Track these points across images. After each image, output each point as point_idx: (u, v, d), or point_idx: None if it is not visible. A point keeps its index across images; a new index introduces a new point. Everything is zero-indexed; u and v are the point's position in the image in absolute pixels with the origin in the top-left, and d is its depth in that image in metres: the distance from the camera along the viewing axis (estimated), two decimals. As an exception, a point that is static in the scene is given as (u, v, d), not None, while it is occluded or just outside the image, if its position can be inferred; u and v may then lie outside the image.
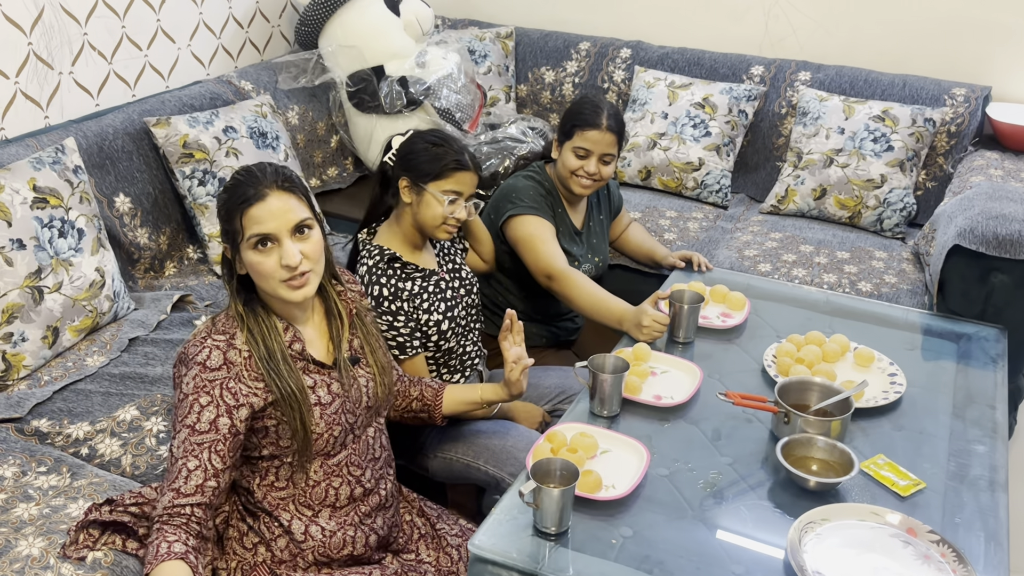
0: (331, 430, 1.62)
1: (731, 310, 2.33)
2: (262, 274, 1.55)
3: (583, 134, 2.34)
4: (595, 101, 2.40)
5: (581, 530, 1.59)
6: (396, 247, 2.06)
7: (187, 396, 1.51)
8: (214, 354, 1.53)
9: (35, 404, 2.02)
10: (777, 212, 3.19)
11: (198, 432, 1.50)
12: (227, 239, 1.58)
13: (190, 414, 1.50)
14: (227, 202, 1.56)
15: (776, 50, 3.52)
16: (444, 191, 2.00)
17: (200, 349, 1.53)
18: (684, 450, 1.81)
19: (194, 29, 3.09)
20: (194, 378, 1.51)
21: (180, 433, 1.50)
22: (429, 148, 2.02)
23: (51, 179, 2.21)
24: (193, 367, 1.52)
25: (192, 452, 1.49)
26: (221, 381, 1.52)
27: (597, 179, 2.39)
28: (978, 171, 2.88)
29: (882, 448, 1.82)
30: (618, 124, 2.37)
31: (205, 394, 1.51)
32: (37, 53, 2.54)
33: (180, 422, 1.51)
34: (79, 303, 2.20)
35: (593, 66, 3.64)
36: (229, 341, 1.55)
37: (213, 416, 1.51)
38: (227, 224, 1.57)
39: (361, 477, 1.70)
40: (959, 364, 2.16)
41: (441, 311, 2.10)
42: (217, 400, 1.51)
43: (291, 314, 1.64)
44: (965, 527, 1.62)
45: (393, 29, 3.23)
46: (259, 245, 1.54)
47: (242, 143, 2.73)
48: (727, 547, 1.56)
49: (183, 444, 1.50)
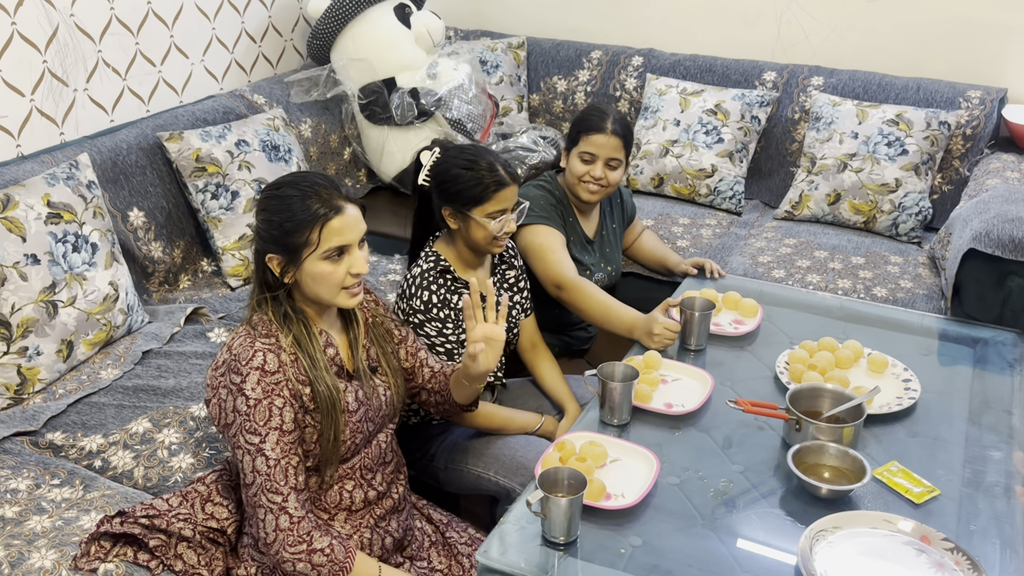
0: (354, 437, 1.65)
1: (743, 317, 2.32)
2: (329, 283, 1.59)
3: (588, 139, 2.35)
4: (600, 107, 2.41)
5: (590, 539, 1.58)
6: (451, 261, 2.09)
7: (260, 401, 1.52)
8: (269, 357, 1.54)
9: (50, 417, 2.03)
10: (791, 218, 3.17)
11: (287, 432, 1.53)
12: (283, 251, 1.58)
13: (272, 417, 1.53)
14: (294, 215, 1.56)
15: (788, 55, 3.51)
16: (488, 214, 2.01)
17: (252, 353, 1.54)
18: (695, 458, 1.80)
19: (207, 44, 3.12)
20: (258, 383, 1.53)
21: (269, 436, 1.52)
22: (463, 174, 2.01)
23: (65, 195, 2.24)
24: (251, 373, 1.53)
25: (290, 450, 1.54)
26: (284, 382, 1.54)
27: (604, 184, 2.38)
28: (994, 174, 2.85)
29: (896, 455, 1.80)
30: (624, 129, 2.37)
31: (278, 396, 1.53)
32: (52, 71, 2.58)
33: (264, 426, 1.52)
34: (93, 317, 2.22)
35: (605, 74, 3.64)
36: (277, 344, 1.57)
37: (292, 415, 1.55)
38: (291, 237, 1.56)
39: (372, 480, 1.72)
40: (975, 369, 2.13)
41: None
42: (288, 399, 1.54)
43: (324, 320, 1.67)
44: (980, 534, 1.60)
45: (404, 41, 3.25)
46: (334, 256, 1.57)
47: (254, 156, 2.75)
48: (738, 556, 1.55)
49: (278, 445, 1.53)
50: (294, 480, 1.54)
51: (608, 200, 2.60)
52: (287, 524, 1.52)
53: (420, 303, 2.02)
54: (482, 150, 2.07)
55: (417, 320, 2.03)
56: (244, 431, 1.53)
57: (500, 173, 2.01)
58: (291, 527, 1.52)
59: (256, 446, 1.52)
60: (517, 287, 2.25)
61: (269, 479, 1.52)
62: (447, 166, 2.04)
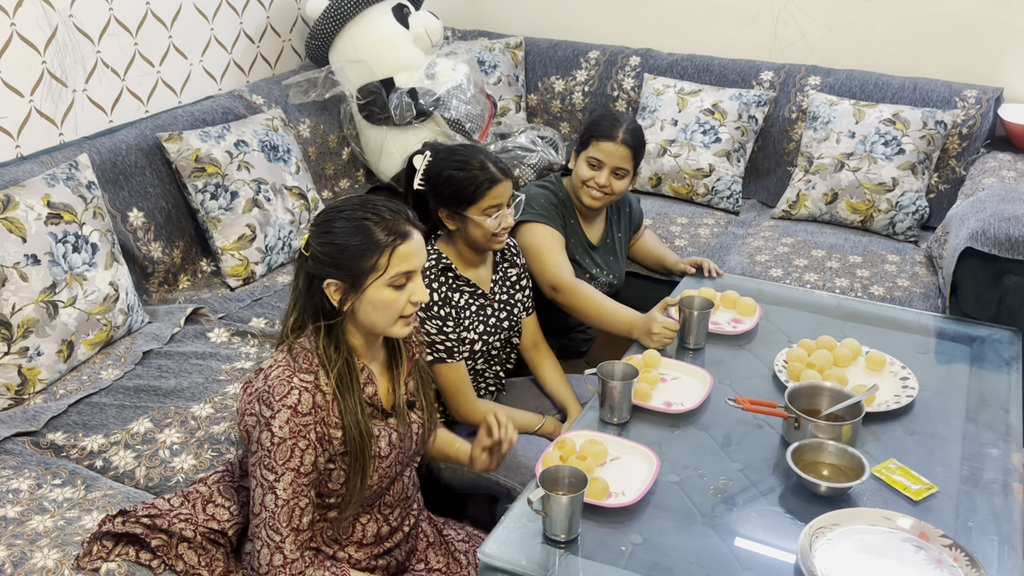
0: (382, 482, 1.63)
1: (742, 316, 2.32)
2: (390, 311, 1.55)
3: (597, 145, 2.34)
4: (615, 115, 2.39)
5: (591, 537, 1.59)
6: (452, 259, 2.10)
7: (284, 440, 1.49)
8: (304, 397, 1.50)
9: (50, 417, 2.04)
10: (788, 217, 3.18)
11: (303, 475, 1.51)
12: (345, 276, 1.52)
13: (292, 458, 1.50)
14: (365, 240, 1.52)
15: (786, 55, 3.52)
16: (484, 211, 2.01)
17: (288, 390, 1.50)
18: (694, 456, 1.81)
19: (206, 45, 3.12)
20: (287, 422, 1.49)
21: (284, 476, 1.50)
22: (456, 175, 2.01)
23: (65, 195, 2.24)
24: (283, 411, 1.49)
25: (301, 493, 1.52)
26: (313, 426, 1.51)
27: (608, 192, 2.37)
28: (990, 173, 2.86)
29: (894, 452, 1.81)
30: (635, 139, 2.34)
31: (303, 439, 1.50)
32: (51, 71, 2.58)
33: (282, 466, 1.50)
34: (93, 317, 2.22)
35: (603, 74, 3.65)
36: (316, 384, 1.52)
37: (313, 458, 1.52)
38: (358, 262, 1.52)
39: (390, 516, 1.71)
40: (972, 367, 2.14)
41: (479, 332, 2.12)
42: (313, 443, 1.52)
43: (369, 355, 1.63)
44: (978, 531, 1.61)
45: (402, 41, 3.25)
46: (400, 282, 1.54)
47: (253, 156, 2.75)
48: (737, 553, 1.56)
49: (291, 486, 1.50)
50: (297, 521, 1.52)
51: (616, 209, 2.59)
52: (280, 562, 1.52)
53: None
54: (472, 149, 2.08)
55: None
56: (262, 466, 1.51)
57: (492, 170, 2.02)
58: (283, 566, 1.52)
59: (270, 483, 1.51)
60: (519, 285, 2.25)
61: (274, 517, 1.51)
62: (439, 169, 2.05)
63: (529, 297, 2.29)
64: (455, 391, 2.07)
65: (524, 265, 2.29)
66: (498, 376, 2.25)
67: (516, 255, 2.27)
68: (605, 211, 2.54)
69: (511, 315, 2.21)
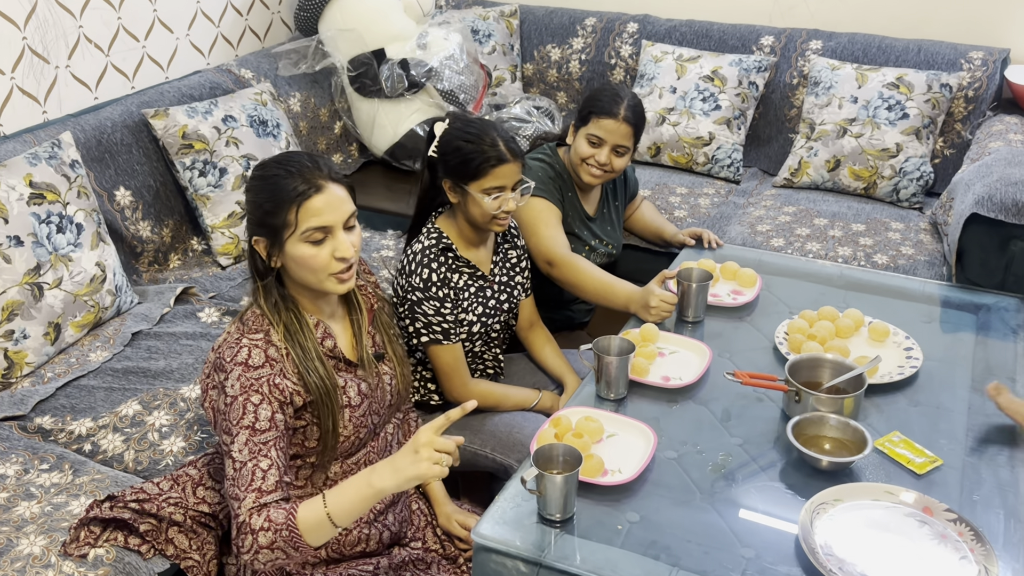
0: (358, 432, 1.60)
1: (742, 287, 2.28)
2: (313, 267, 1.51)
3: (598, 122, 2.27)
4: (616, 89, 2.32)
5: (587, 516, 1.56)
6: (453, 238, 2.04)
7: (236, 398, 1.45)
8: (254, 352, 1.47)
9: (38, 401, 2.01)
10: (790, 185, 3.12)
11: (259, 431, 1.44)
12: (266, 233, 1.51)
13: (245, 415, 1.44)
14: (274, 195, 1.50)
15: (786, 19, 3.44)
16: (485, 190, 1.95)
17: (238, 350, 1.48)
18: (693, 432, 1.77)
19: (192, 18, 3.06)
20: (239, 379, 1.45)
21: (239, 436, 1.43)
22: (465, 147, 1.96)
23: (48, 174, 2.19)
24: (234, 369, 1.46)
25: (260, 452, 1.44)
26: (267, 378, 1.47)
27: (608, 170, 2.31)
28: (997, 136, 2.79)
29: (897, 425, 1.77)
30: (636, 116, 2.28)
31: (255, 392, 1.45)
32: (32, 48, 2.52)
33: (236, 425, 1.44)
34: (80, 298, 2.18)
35: (600, 42, 3.57)
36: (267, 339, 1.50)
37: (269, 413, 1.46)
38: (272, 218, 1.50)
39: None
40: (978, 336, 2.09)
41: (477, 313, 2.08)
42: (267, 397, 1.46)
43: (320, 309, 1.60)
44: (983, 504, 1.57)
45: (393, 11, 3.18)
46: (316, 238, 1.50)
47: (242, 132, 2.70)
48: (737, 530, 1.53)
49: (246, 446, 1.43)
50: (259, 483, 1.42)
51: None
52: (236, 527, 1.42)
53: (420, 280, 1.98)
54: (489, 124, 2.01)
55: (415, 298, 1.99)
56: (221, 430, 1.47)
57: (501, 149, 1.95)
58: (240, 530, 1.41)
59: (228, 448, 1.45)
60: (519, 267, 2.21)
61: (234, 483, 1.43)
62: (450, 137, 2.00)
63: (528, 279, 2.24)
64: (450, 372, 2.03)
65: (524, 247, 2.24)
66: (497, 358, 2.21)
67: (517, 236, 2.22)
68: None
69: (511, 297, 2.17)
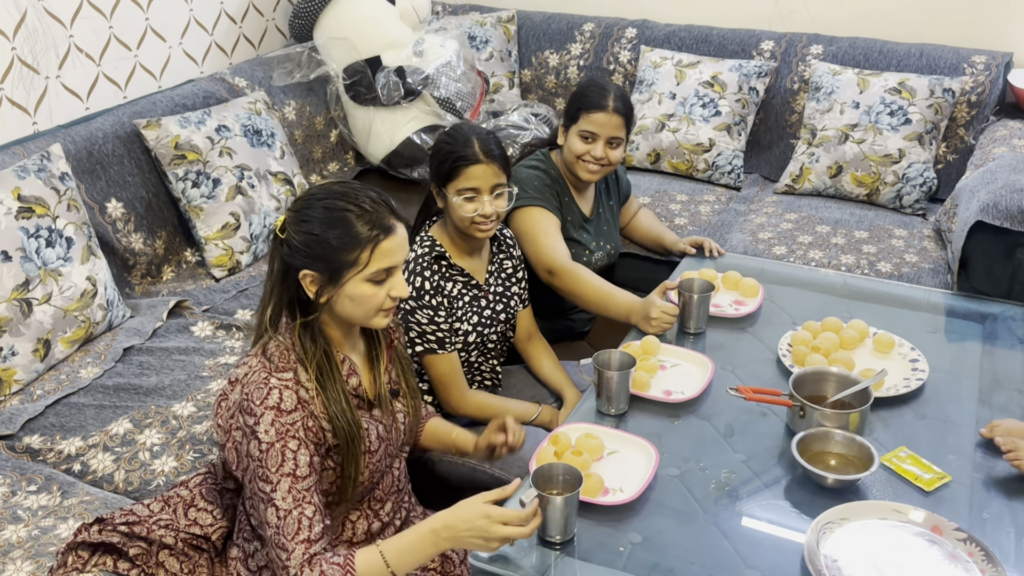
0: (372, 477, 1.57)
1: (744, 297, 2.24)
2: (368, 306, 1.48)
3: (589, 117, 2.26)
4: (601, 83, 2.32)
5: (588, 537, 1.52)
6: (446, 246, 2.02)
7: (272, 444, 1.41)
8: (286, 395, 1.43)
9: (27, 420, 1.97)
10: (792, 192, 3.08)
11: (300, 478, 1.42)
12: (324, 268, 1.45)
13: (284, 463, 1.41)
14: (346, 233, 1.45)
15: (786, 23, 3.41)
16: (458, 191, 1.93)
17: (267, 392, 1.42)
18: (695, 448, 1.73)
19: (185, 27, 3.02)
20: (272, 424, 1.41)
21: (280, 484, 1.41)
22: (442, 148, 1.96)
23: (36, 187, 2.15)
24: (266, 413, 1.41)
25: (304, 499, 1.42)
26: (301, 421, 1.43)
27: (604, 164, 2.30)
28: (1001, 142, 2.76)
29: (904, 439, 1.73)
30: (625, 106, 2.28)
31: (291, 438, 1.42)
32: (21, 58, 2.48)
33: (276, 472, 1.41)
34: (70, 314, 2.14)
35: (598, 47, 3.54)
36: (296, 379, 1.45)
37: (307, 458, 1.43)
38: (338, 255, 1.44)
39: (380, 511, 1.64)
40: (984, 346, 2.06)
41: (472, 323, 2.05)
42: (303, 441, 1.43)
43: (348, 345, 1.56)
44: (994, 523, 1.53)
45: (389, 18, 3.15)
46: (380, 278, 1.47)
47: (236, 142, 2.66)
48: (742, 551, 1.49)
49: (290, 494, 1.41)
50: (306, 532, 1.41)
51: (603, 178, 2.52)
52: (296, 564, 1.41)
53: (412, 289, 1.95)
54: (474, 128, 2.00)
55: (408, 307, 1.96)
56: (257, 478, 1.43)
57: (474, 149, 1.93)
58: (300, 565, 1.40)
59: (268, 496, 1.42)
60: (515, 277, 2.17)
61: (279, 532, 1.41)
62: (437, 140, 2.01)
63: (525, 289, 2.21)
64: (447, 382, 2.00)
65: (520, 256, 2.21)
66: (494, 370, 2.17)
67: (513, 246, 2.19)
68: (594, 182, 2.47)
69: (507, 308, 2.14)
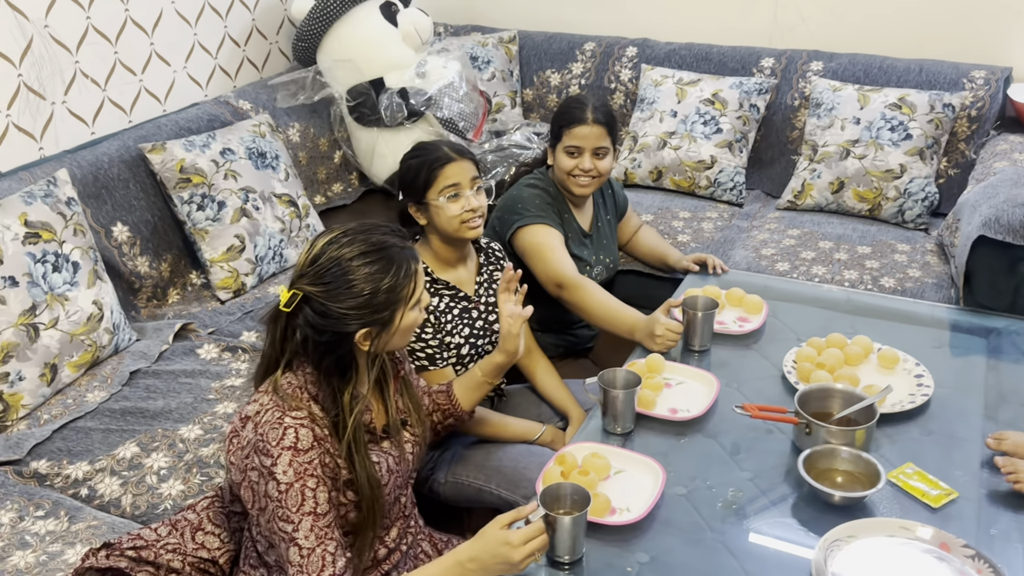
0: (382, 509, 1.57)
1: (748, 314, 2.24)
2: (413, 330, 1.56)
3: (571, 131, 2.31)
4: (579, 98, 2.38)
5: (595, 558, 1.52)
6: (429, 262, 2.06)
7: (292, 485, 1.41)
8: (302, 433, 1.43)
9: (34, 445, 1.97)
10: (794, 208, 3.09)
11: (321, 516, 1.43)
12: (376, 321, 1.47)
13: (305, 502, 1.42)
14: (397, 273, 1.48)
15: (786, 40, 3.43)
16: (440, 192, 1.98)
17: (283, 432, 1.42)
18: (702, 466, 1.73)
19: (189, 51, 3.05)
20: (290, 464, 1.41)
21: (302, 524, 1.41)
22: (412, 164, 2.03)
23: (43, 213, 2.17)
24: (283, 454, 1.41)
25: (326, 536, 1.43)
26: (318, 459, 1.44)
27: (594, 175, 2.34)
28: (1002, 156, 2.77)
29: (911, 456, 1.73)
30: (606, 116, 2.33)
31: (310, 477, 1.42)
32: (28, 84, 2.50)
33: (297, 512, 1.41)
34: (77, 338, 2.15)
35: (599, 66, 3.56)
36: (310, 416, 1.46)
37: (326, 495, 1.44)
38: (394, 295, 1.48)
39: (386, 537, 1.64)
40: (990, 360, 2.06)
41: (464, 335, 2.06)
42: (321, 478, 1.44)
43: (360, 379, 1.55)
44: (1002, 539, 1.53)
45: (391, 40, 3.17)
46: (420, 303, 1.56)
47: (240, 164, 2.68)
48: (750, 569, 1.49)
49: (312, 532, 1.42)
50: (331, 569, 1.42)
51: (600, 192, 2.56)
52: None
53: None
54: (434, 140, 2.09)
55: None
56: (277, 518, 1.43)
57: (444, 150, 2.02)
58: None
59: (290, 535, 1.42)
60: None
61: (302, 571, 1.41)
62: (403, 165, 2.06)
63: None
64: None
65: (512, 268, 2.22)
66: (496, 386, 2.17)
67: (503, 258, 2.21)
68: (591, 197, 2.50)
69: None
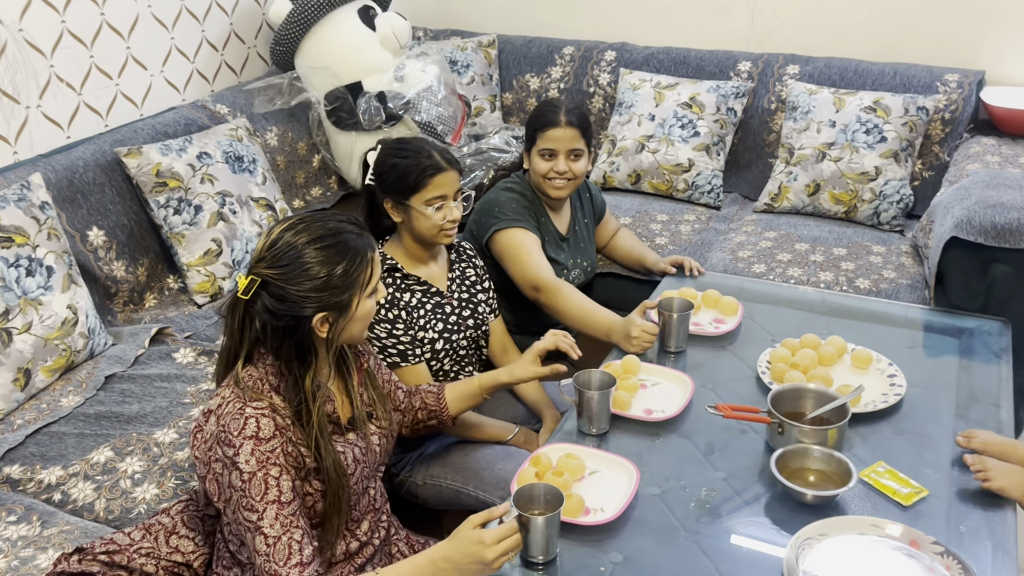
0: (350, 499, 1.57)
1: (724, 315, 2.26)
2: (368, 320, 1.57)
3: (545, 135, 2.33)
4: (552, 101, 2.39)
5: (569, 558, 1.53)
6: (399, 259, 2.06)
7: (254, 474, 1.41)
8: (263, 423, 1.43)
9: (7, 450, 1.95)
10: (771, 210, 3.11)
11: (286, 504, 1.43)
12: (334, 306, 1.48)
13: (268, 490, 1.42)
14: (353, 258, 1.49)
15: (763, 44, 3.45)
16: (427, 201, 1.98)
17: (244, 422, 1.43)
18: (676, 466, 1.74)
19: (166, 55, 3.03)
20: (252, 453, 1.41)
21: (267, 512, 1.41)
22: (400, 163, 2.00)
23: (16, 217, 2.16)
24: (244, 443, 1.42)
25: (291, 524, 1.43)
26: (280, 447, 1.44)
27: (570, 177, 2.36)
28: (975, 158, 2.80)
29: (882, 455, 1.74)
30: (579, 118, 2.34)
31: (273, 466, 1.42)
32: (2, 88, 2.48)
33: (261, 501, 1.41)
34: (51, 342, 2.14)
35: (578, 70, 3.58)
36: (271, 407, 1.46)
37: (290, 484, 1.44)
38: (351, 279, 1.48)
39: (357, 531, 1.64)
40: (961, 360, 2.08)
41: (438, 330, 2.06)
42: (284, 467, 1.43)
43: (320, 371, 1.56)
44: (971, 536, 1.54)
45: (369, 44, 3.17)
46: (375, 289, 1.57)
47: (217, 168, 2.67)
48: (723, 569, 1.49)
49: (277, 521, 1.42)
50: (297, 556, 1.42)
51: (577, 196, 2.57)
52: None
53: None
54: (421, 140, 2.07)
55: None
56: (242, 507, 1.43)
57: (437, 159, 1.99)
58: None
59: (255, 524, 1.42)
60: (481, 286, 2.20)
61: (269, 559, 1.41)
62: (385, 157, 2.04)
63: (493, 299, 2.24)
64: None
65: (483, 267, 2.24)
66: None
67: (473, 257, 2.22)
68: (568, 200, 2.52)
69: (475, 314, 2.15)
